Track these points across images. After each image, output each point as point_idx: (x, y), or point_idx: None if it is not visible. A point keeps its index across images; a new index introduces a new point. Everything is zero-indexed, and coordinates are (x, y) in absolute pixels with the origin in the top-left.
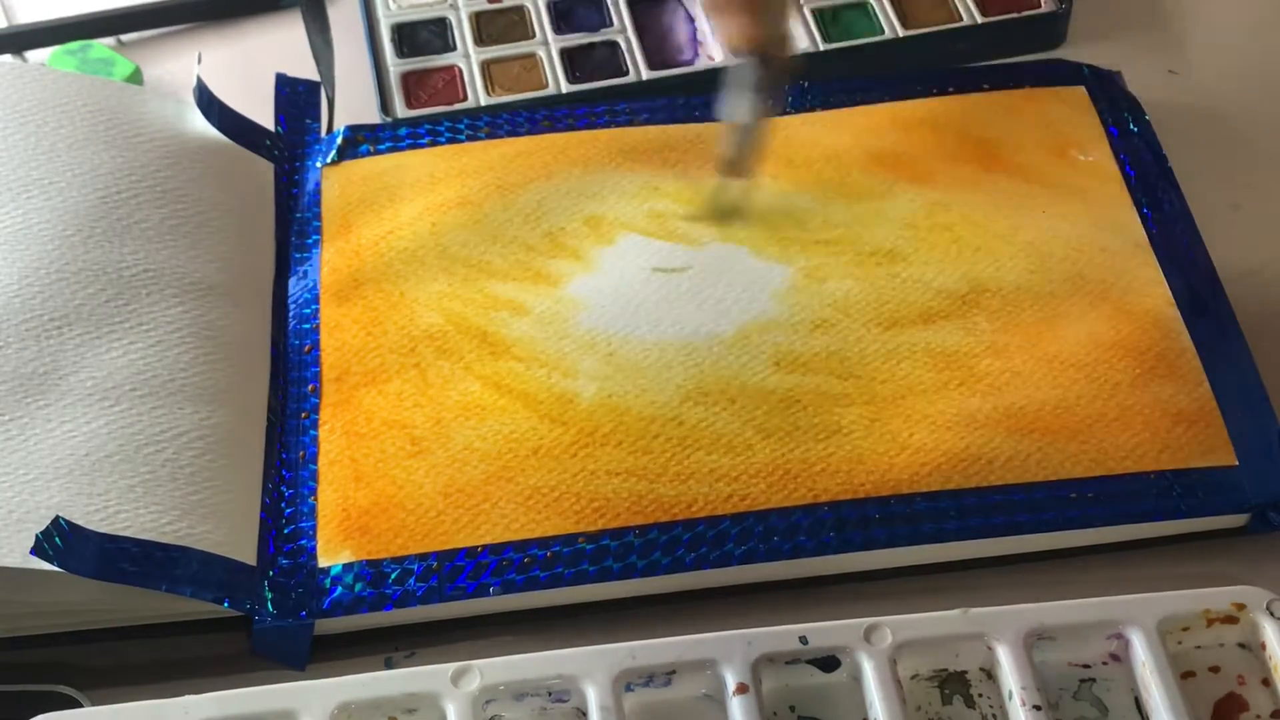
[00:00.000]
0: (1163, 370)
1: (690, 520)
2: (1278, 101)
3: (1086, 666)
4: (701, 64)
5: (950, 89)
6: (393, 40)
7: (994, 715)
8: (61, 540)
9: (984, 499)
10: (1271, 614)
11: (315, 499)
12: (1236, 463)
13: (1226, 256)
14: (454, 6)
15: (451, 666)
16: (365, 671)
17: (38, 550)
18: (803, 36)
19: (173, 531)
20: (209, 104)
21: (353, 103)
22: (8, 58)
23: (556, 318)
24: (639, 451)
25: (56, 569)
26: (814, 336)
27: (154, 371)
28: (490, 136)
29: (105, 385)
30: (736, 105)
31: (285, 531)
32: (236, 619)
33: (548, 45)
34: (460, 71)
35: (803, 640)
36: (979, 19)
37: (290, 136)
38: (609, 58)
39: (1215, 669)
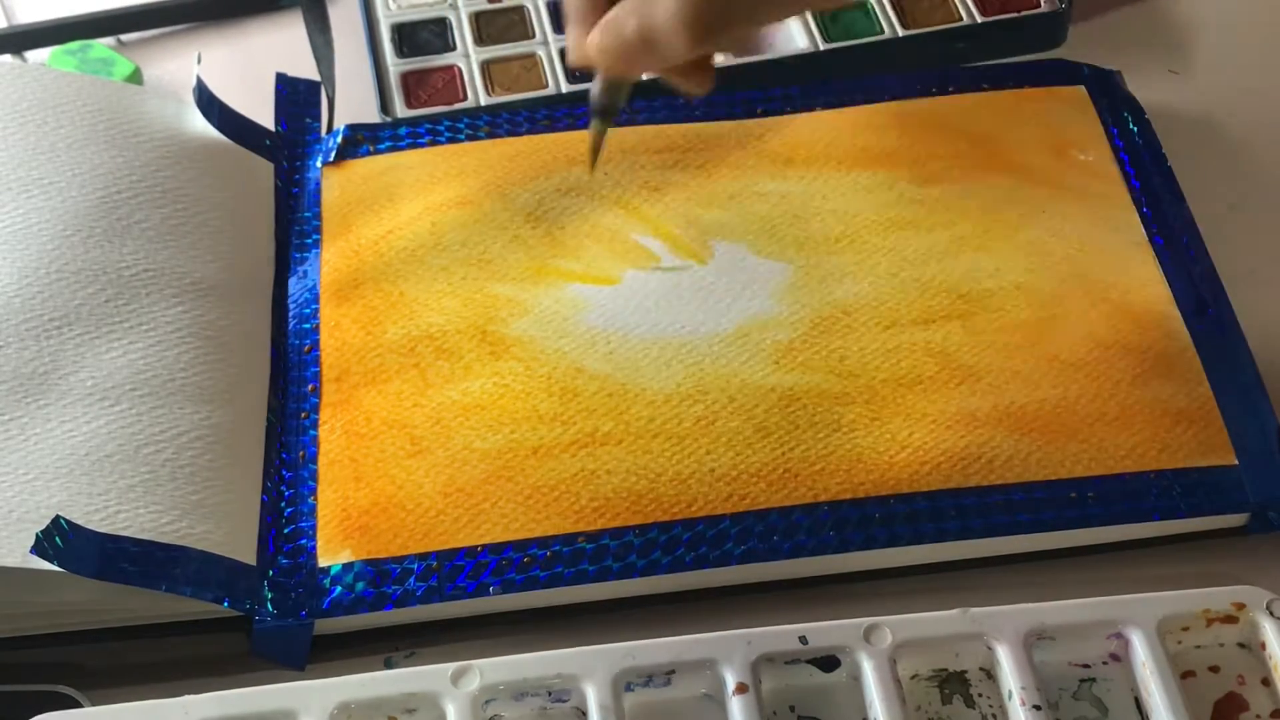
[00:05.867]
0: (1163, 370)
1: (690, 520)
2: (1277, 102)
3: (1086, 666)
4: None
5: (950, 89)
6: (393, 40)
7: (994, 715)
8: (62, 540)
9: (984, 499)
10: (1271, 614)
11: (315, 499)
12: (1236, 462)
13: (1226, 256)
14: (454, 6)
15: (451, 666)
16: (365, 671)
17: (38, 550)
18: (803, 36)
19: (173, 531)
20: (209, 104)
21: (353, 103)
22: (8, 58)
23: (556, 317)
24: (639, 451)
25: (57, 569)
26: (814, 335)
27: (154, 371)
28: (490, 136)
29: (105, 385)
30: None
31: (285, 531)
32: (236, 619)
33: (548, 45)
34: (460, 71)
35: (803, 640)
36: (979, 19)
37: (290, 136)
38: None
39: (1215, 669)
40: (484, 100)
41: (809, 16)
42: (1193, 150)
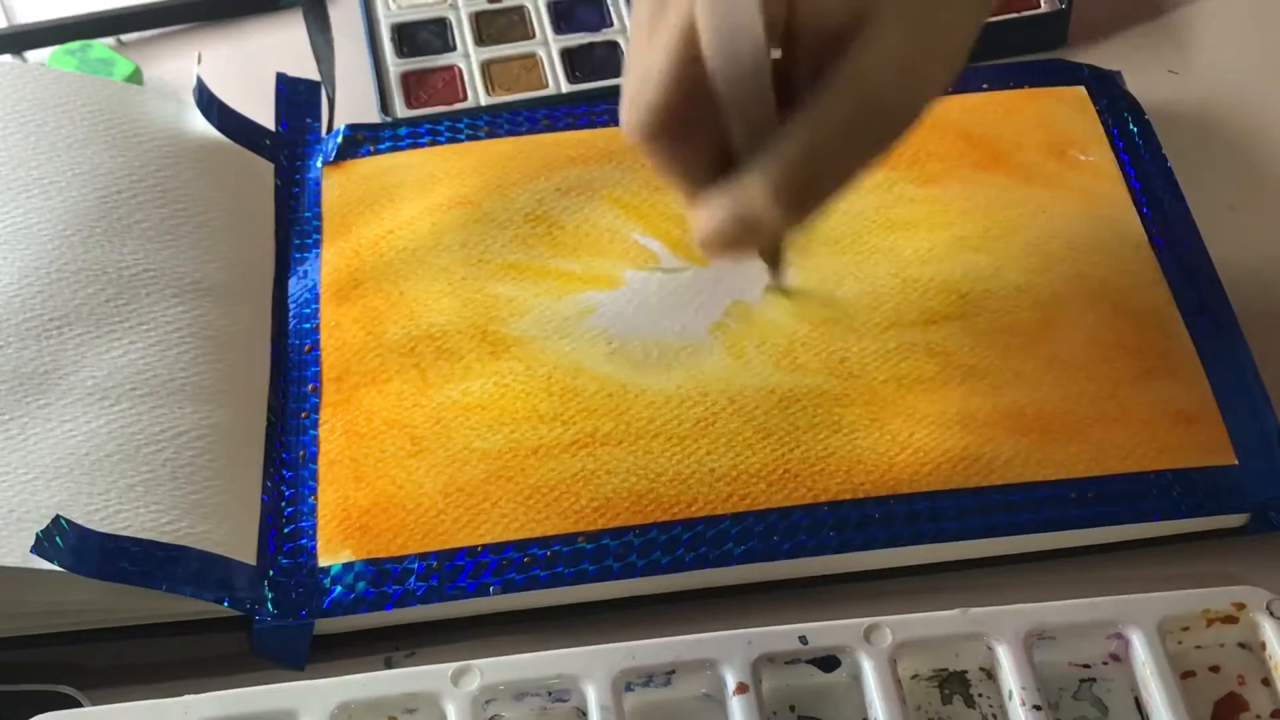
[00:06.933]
0: (1163, 370)
1: (690, 520)
2: (1277, 102)
3: (1086, 666)
4: None
5: (950, 89)
6: (393, 40)
7: (994, 715)
8: (62, 539)
9: (984, 499)
10: (1271, 614)
11: (315, 498)
12: (1236, 462)
13: (1226, 256)
14: (454, 6)
15: (451, 666)
16: (365, 671)
17: (38, 549)
18: None
19: (173, 531)
20: (209, 104)
21: (353, 103)
22: (8, 58)
23: (556, 317)
24: (639, 451)
25: (57, 568)
26: (814, 336)
27: (154, 371)
28: (490, 136)
29: (105, 385)
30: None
31: (285, 531)
32: (236, 619)
33: (548, 45)
34: (460, 71)
35: (803, 640)
36: None
37: (290, 136)
38: (609, 58)
39: (1215, 669)
40: (484, 100)
41: None
42: (1193, 150)
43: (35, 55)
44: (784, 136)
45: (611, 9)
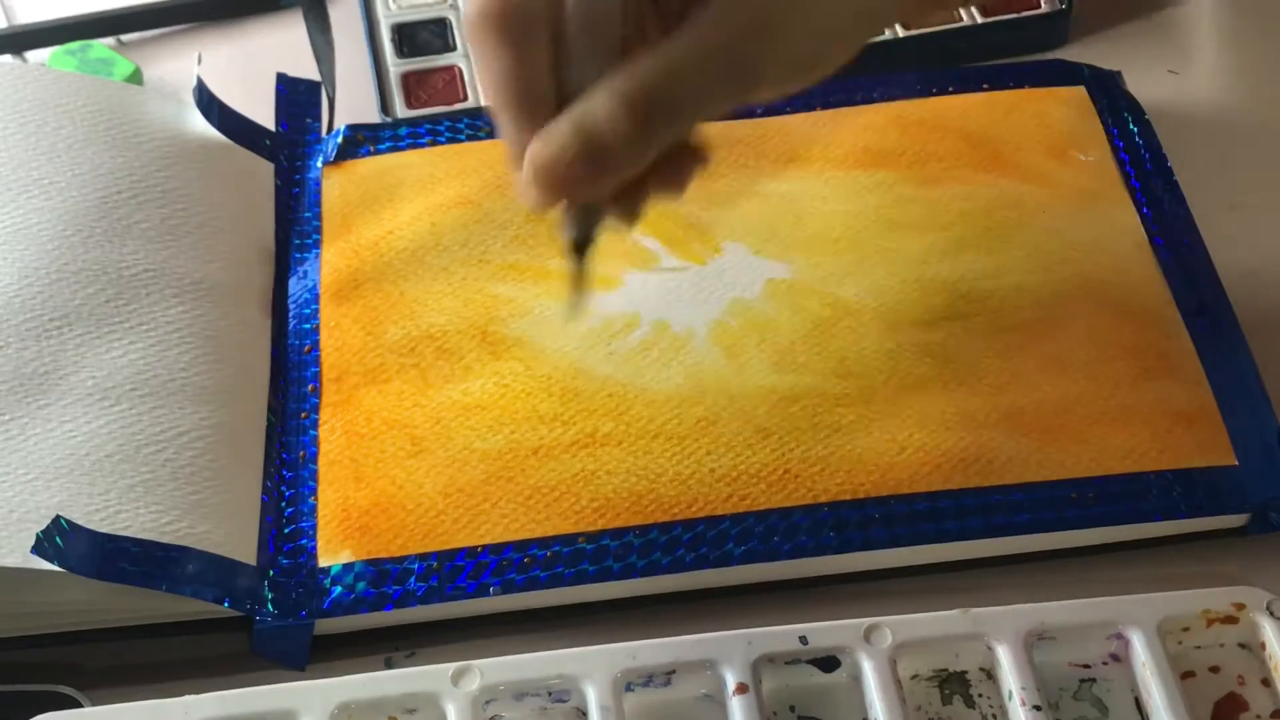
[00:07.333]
0: (1163, 370)
1: (690, 520)
2: (1277, 102)
3: (1086, 666)
4: None
5: (950, 89)
6: (393, 40)
7: (994, 715)
8: (62, 540)
9: (984, 499)
10: (1271, 614)
11: (315, 499)
12: (1236, 463)
13: (1226, 256)
14: (454, 6)
15: (451, 666)
16: (365, 671)
17: (38, 549)
18: None
19: (173, 531)
20: (209, 104)
21: (353, 103)
22: (8, 58)
23: (557, 317)
24: (639, 452)
25: (57, 568)
26: (814, 336)
27: (154, 371)
28: (490, 136)
29: (105, 385)
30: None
31: (285, 531)
32: (236, 619)
33: None
34: (460, 71)
35: (803, 640)
36: (979, 19)
37: (290, 136)
38: None
39: (1215, 669)
40: (484, 100)
41: None
42: (1193, 150)
43: (35, 55)
44: (637, 57)
45: None
